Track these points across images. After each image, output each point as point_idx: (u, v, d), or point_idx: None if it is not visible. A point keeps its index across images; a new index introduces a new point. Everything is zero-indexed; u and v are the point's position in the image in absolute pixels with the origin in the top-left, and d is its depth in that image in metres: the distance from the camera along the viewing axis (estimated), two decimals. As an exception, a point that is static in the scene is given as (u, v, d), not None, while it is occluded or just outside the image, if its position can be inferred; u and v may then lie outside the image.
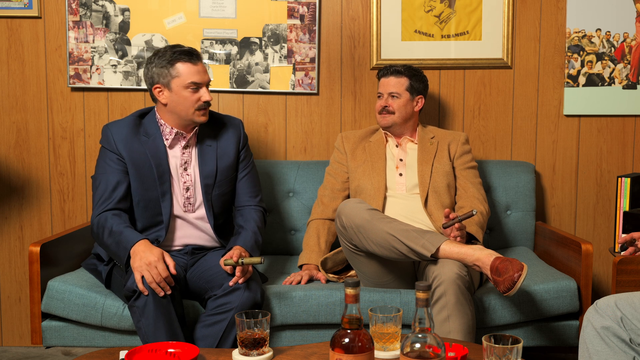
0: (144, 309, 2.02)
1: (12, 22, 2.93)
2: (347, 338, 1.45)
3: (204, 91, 2.27)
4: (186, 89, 2.25)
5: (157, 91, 2.28)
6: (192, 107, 2.26)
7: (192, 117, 2.28)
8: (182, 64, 2.25)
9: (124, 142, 2.27)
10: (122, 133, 2.29)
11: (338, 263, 2.49)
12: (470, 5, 2.91)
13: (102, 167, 2.29)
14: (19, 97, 2.96)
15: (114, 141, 2.28)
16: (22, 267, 3.01)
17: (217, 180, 2.36)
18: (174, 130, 2.31)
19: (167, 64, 2.25)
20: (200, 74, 2.27)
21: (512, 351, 1.49)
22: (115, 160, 2.27)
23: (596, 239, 3.01)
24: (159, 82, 2.27)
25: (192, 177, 2.34)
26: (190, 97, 2.25)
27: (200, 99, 2.26)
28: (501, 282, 2.01)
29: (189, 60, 2.25)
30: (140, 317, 2.03)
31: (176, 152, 2.33)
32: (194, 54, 2.28)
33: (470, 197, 2.54)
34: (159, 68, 2.26)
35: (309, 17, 2.91)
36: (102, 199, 2.24)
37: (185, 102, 2.26)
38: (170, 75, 2.25)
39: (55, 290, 2.26)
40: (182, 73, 2.24)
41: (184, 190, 2.32)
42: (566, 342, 2.34)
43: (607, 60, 2.93)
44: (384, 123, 2.60)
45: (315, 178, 2.82)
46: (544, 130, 2.99)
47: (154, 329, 2.02)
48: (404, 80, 2.59)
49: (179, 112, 2.28)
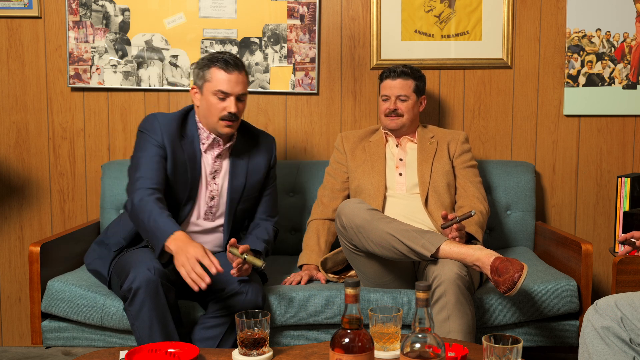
0: (139, 312, 2.01)
1: (12, 22, 2.93)
2: (347, 338, 1.45)
3: (231, 101, 2.21)
4: (214, 96, 2.21)
5: (193, 92, 2.27)
6: (217, 115, 2.22)
7: (215, 125, 2.23)
8: (216, 70, 2.20)
9: (169, 136, 2.22)
10: (170, 127, 2.24)
11: (338, 263, 2.49)
12: (470, 5, 2.91)
13: (144, 147, 2.21)
14: (19, 97, 2.96)
15: (160, 132, 2.21)
16: (22, 267, 3.01)
17: (244, 195, 2.33)
18: (212, 136, 2.27)
19: (203, 67, 2.23)
20: (231, 84, 2.20)
21: (512, 351, 1.49)
22: (157, 148, 2.20)
23: (596, 239, 3.01)
24: (195, 83, 2.26)
25: (219, 187, 2.30)
26: (217, 105, 2.21)
27: (225, 109, 2.21)
28: (501, 282, 2.01)
29: (223, 67, 2.20)
30: (135, 321, 2.02)
31: (208, 159, 2.29)
32: (231, 63, 2.21)
33: (470, 196, 2.54)
34: (198, 69, 2.25)
35: (309, 17, 2.91)
36: (144, 177, 2.15)
37: (211, 108, 2.22)
38: (204, 79, 2.23)
39: (55, 290, 2.26)
40: (213, 78, 2.21)
41: (209, 199, 2.29)
42: (566, 342, 2.34)
43: (607, 60, 2.93)
44: (392, 126, 2.59)
45: (315, 178, 2.82)
46: (544, 130, 2.99)
47: (149, 332, 2.01)
48: (411, 82, 2.59)
49: (206, 117, 2.25)
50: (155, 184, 2.15)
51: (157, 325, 2.01)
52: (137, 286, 2.00)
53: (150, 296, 2.00)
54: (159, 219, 2.05)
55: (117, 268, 2.20)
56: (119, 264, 2.19)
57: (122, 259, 2.19)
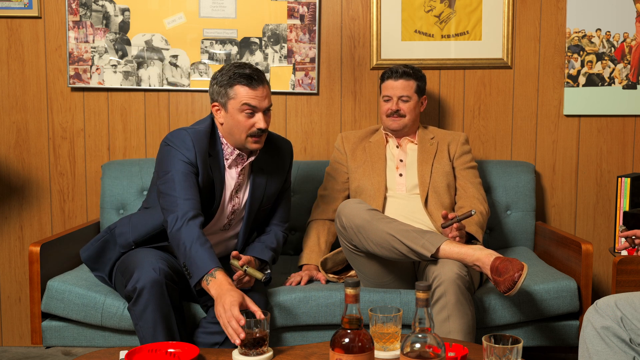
0: (143, 313, 2.00)
1: (12, 22, 2.93)
2: (347, 338, 1.45)
3: (260, 117, 2.15)
4: (240, 113, 2.14)
5: (215, 109, 2.20)
6: (245, 132, 2.16)
7: (244, 143, 2.18)
8: (240, 87, 2.13)
9: (201, 153, 2.16)
10: (201, 144, 2.17)
11: (338, 263, 2.49)
12: (470, 5, 2.91)
13: (175, 164, 2.13)
14: (19, 97, 2.96)
15: (194, 149, 2.14)
16: (22, 267, 3.01)
17: (262, 206, 2.32)
18: (235, 152, 2.22)
19: (226, 84, 2.15)
20: (258, 99, 2.14)
21: (512, 351, 1.49)
22: (187, 164, 2.14)
23: (596, 239, 3.01)
24: (217, 100, 2.19)
25: (241, 201, 2.29)
26: (244, 122, 2.15)
27: (254, 126, 2.15)
28: (502, 282, 2.01)
29: (247, 84, 2.13)
30: (138, 321, 2.02)
31: (232, 174, 2.25)
32: (254, 79, 2.14)
33: (470, 197, 2.54)
34: (219, 87, 2.17)
35: (309, 17, 2.91)
36: (183, 198, 2.08)
37: (238, 126, 2.15)
38: (227, 96, 2.15)
39: (55, 290, 2.26)
40: (238, 94, 2.13)
41: (230, 213, 2.27)
42: (566, 342, 2.34)
43: (607, 60, 2.93)
44: (395, 127, 2.59)
45: (315, 178, 2.82)
46: (544, 130, 2.99)
47: (153, 332, 2.01)
48: (413, 82, 2.59)
49: (233, 134, 2.19)
50: (196, 207, 2.08)
51: (161, 325, 2.01)
52: (142, 286, 1.99)
53: (154, 296, 2.00)
54: (200, 250, 1.98)
55: (122, 267, 2.19)
56: (123, 263, 2.19)
57: (127, 258, 2.19)
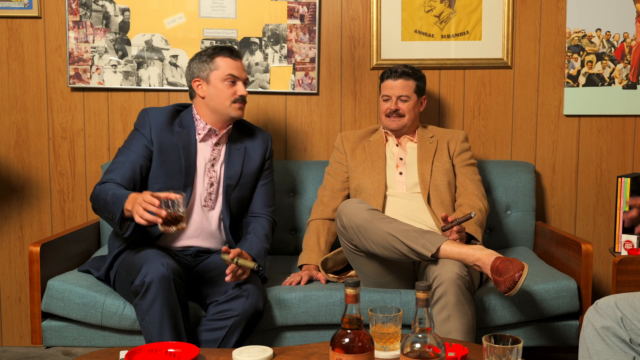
0: (150, 307, 2.01)
1: (12, 22, 2.93)
2: (347, 338, 1.45)
3: (241, 85, 2.35)
4: (223, 82, 2.32)
5: (196, 84, 2.35)
6: (229, 99, 2.33)
7: (228, 110, 2.34)
8: (222, 58, 2.34)
9: (158, 128, 2.32)
10: (160, 119, 2.34)
11: (338, 263, 2.49)
12: (470, 5, 2.91)
13: (128, 145, 2.33)
14: (19, 97, 2.96)
15: (149, 126, 2.32)
16: (22, 267, 3.01)
17: (240, 183, 2.40)
18: (208, 126, 2.36)
19: (207, 58, 2.34)
20: (239, 69, 2.36)
21: (512, 351, 1.49)
22: (142, 145, 2.30)
23: (596, 239, 3.01)
24: (199, 75, 2.35)
25: (218, 175, 2.38)
26: (227, 90, 2.33)
27: (236, 92, 2.33)
28: (502, 282, 2.01)
29: (229, 55, 2.35)
30: (145, 316, 2.02)
31: (206, 147, 2.37)
32: (235, 51, 2.37)
33: (470, 194, 2.54)
34: (200, 63, 2.35)
35: (309, 17, 2.91)
36: (113, 170, 2.26)
37: (221, 94, 2.33)
38: (209, 69, 2.33)
39: (55, 290, 2.26)
40: (221, 66, 2.33)
41: (208, 185, 2.36)
42: (566, 342, 2.34)
43: (607, 60, 2.93)
44: (394, 126, 2.59)
45: (315, 178, 2.82)
46: (544, 130, 2.99)
47: (159, 328, 2.01)
48: (412, 82, 2.59)
49: (215, 105, 2.34)
50: (121, 182, 2.24)
51: (168, 321, 2.01)
52: (150, 280, 2.01)
53: (162, 291, 2.01)
54: (117, 192, 2.12)
55: (126, 264, 2.19)
56: (127, 261, 2.19)
57: (131, 255, 2.19)
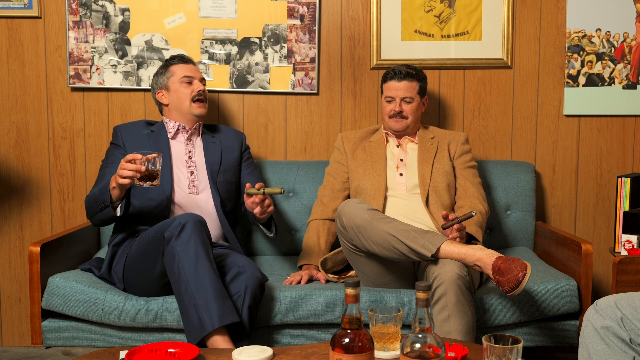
0: (187, 244, 2.06)
1: (12, 22, 2.93)
2: (347, 338, 1.45)
3: (197, 83, 2.54)
4: (181, 84, 2.52)
5: (160, 95, 2.56)
6: (188, 98, 2.51)
7: (189, 109, 2.52)
8: (175, 65, 2.56)
9: (128, 136, 2.51)
10: (128, 129, 2.54)
11: (338, 263, 2.49)
12: (470, 5, 2.91)
13: (107, 159, 2.50)
14: (19, 97, 2.96)
15: (120, 137, 2.51)
16: (22, 267, 3.01)
17: (222, 168, 2.55)
18: (177, 124, 2.54)
19: (163, 70, 2.57)
20: (192, 70, 2.56)
21: (512, 351, 1.49)
22: (119, 155, 2.45)
23: (596, 239, 3.01)
24: (159, 87, 2.56)
25: (197, 164, 2.52)
26: (185, 90, 2.52)
27: (194, 90, 2.52)
28: (505, 282, 2.01)
29: (180, 61, 2.57)
30: (181, 254, 2.06)
31: (179, 142, 2.54)
32: (185, 57, 2.59)
33: (470, 196, 2.54)
34: (158, 76, 2.57)
35: (309, 17, 2.91)
36: (98, 182, 2.41)
37: (181, 95, 2.52)
38: (167, 77, 2.55)
39: (56, 287, 2.26)
40: (175, 71, 2.54)
41: (189, 174, 2.49)
42: (566, 342, 2.34)
43: (607, 60, 2.93)
44: (397, 128, 2.59)
45: (315, 178, 2.82)
46: (544, 130, 2.99)
47: (196, 263, 2.06)
48: (415, 84, 2.59)
49: (178, 106, 2.53)
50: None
51: (203, 257, 2.07)
52: (185, 221, 2.11)
53: (197, 230, 2.10)
54: (101, 185, 2.30)
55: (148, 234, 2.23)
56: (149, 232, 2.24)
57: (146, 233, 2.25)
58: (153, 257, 2.19)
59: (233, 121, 2.98)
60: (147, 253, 2.21)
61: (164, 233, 2.13)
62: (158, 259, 2.17)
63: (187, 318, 2.04)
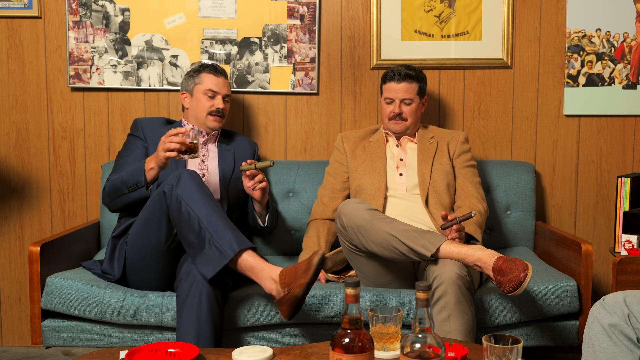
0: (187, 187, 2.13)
1: (12, 22, 2.93)
2: (347, 338, 1.45)
3: (219, 99, 2.57)
4: (204, 95, 2.57)
5: (183, 97, 2.63)
6: (206, 111, 2.56)
7: (205, 120, 2.58)
8: (206, 74, 2.58)
9: (149, 128, 2.56)
10: (150, 122, 2.60)
11: (338, 263, 2.49)
12: (470, 5, 2.91)
13: (127, 148, 2.55)
14: (19, 97, 2.96)
15: (141, 129, 2.56)
16: (22, 267, 3.01)
17: (234, 176, 2.58)
18: (195, 127, 2.59)
19: (194, 73, 2.60)
20: (219, 86, 2.59)
21: (512, 351, 1.49)
22: (140, 145, 2.53)
23: (596, 239, 3.01)
24: (185, 88, 2.62)
25: (209, 169, 2.58)
26: (206, 102, 2.56)
27: (213, 105, 2.56)
28: (505, 282, 2.01)
29: (212, 72, 2.59)
30: (182, 198, 2.12)
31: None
32: (219, 69, 2.61)
33: (469, 196, 2.54)
34: (188, 77, 2.62)
35: (309, 17, 2.91)
36: (119, 169, 2.46)
37: (200, 106, 2.57)
38: (194, 83, 2.59)
39: (55, 286, 2.26)
40: (204, 81, 2.58)
41: (201, 177, 2.43)
42: (566, 342, 2.34)
43: (607, 60, 2.93)
44: (397, 129, 2.60)
45: (315, 178, 2.82)
46: (544, 130, 2.99)
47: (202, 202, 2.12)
48: (415, 85, 2.59)
49: (195, 115, 2.59)
50: None
51: (207, 196, 2.14)
52: (180, 173, 2.18)
53: (193, 178, 2.17)
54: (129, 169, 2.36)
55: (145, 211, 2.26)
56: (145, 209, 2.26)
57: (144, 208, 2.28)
58: (156, 221, 2.22)
59: (233, 121, 2.98)
60: (148, 222, 2.24)
61: (164, 189, 2.18)
62: (162, 220, 2.20)
63: (203, 253, 2.09)
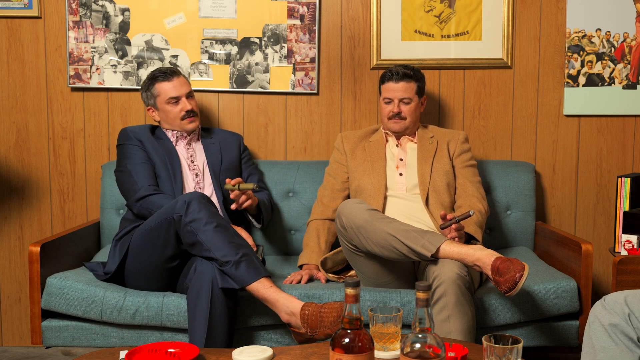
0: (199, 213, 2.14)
1: (12, 22, 2.93)
2: (347, 338, 1.45)
3: (184, 102, 2.57)
4: (167, 104, 2.57)
5: (150, 112, 2.64)
6: (177, 118, 2.58)
7: (181, 126, 2.60)
8: (159, 84, 2.57)
9: (140, 135, 2.56)
10: (139, 130, 2.59)
11: (338, 263, 2.49)
12: (470, 5, 2.91)
13: (127, 157, 2.52)
14: (19, 97, 2.96)
15: (133, 135, 2.56)
16: (22, 267, 3.01)
17: (223, 167, 2.63)
18: (175, 132, 2.63)
19: (148, 87, 2.60)
20: (177, 88, 2.57)
21: (512, 351, 1.49)
22: (138, 151, 2.53)
23: (596, 239, 3.01)
24: (148, 104, 2.63)
25: (200, 167, 2.61)
26: (173, 110, 2.57)
27: (182, 110, 2.57)
28: (502, 282, 2.01)
29: (163, 79, 2.57)
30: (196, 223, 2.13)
31: (181, 148, 2.62)
32: (168, 72, 2.58)
33: (469, 195, 2.54)
34: (145, 93, 2.62)
35: (309, 17, 2.91)
36: (136, 180, 2.45)
37: (170, 115, 2.58)
38: (153, 97, 2.60)
39: (55, 287, 2.26)
40: (160, 92, 2.57)
41: (194, 176, 2.58)
42: (566, 342, 2.34)
43: (607, 60, 2.93)
44: (396, 129, 2.60)
45: (315, 178, 2.82)
46: (544, 130, 2.99)
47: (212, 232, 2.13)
48: (413, 84, 2.59)
49: (170, 124, 2.61)
50: (151, 183, 2.47)
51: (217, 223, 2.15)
52: (190, 199, 2.17)
53: (205, 204, 2.18)
54: (164, 201, 2.35)
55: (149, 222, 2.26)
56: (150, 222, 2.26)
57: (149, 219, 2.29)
58: (161, 242, 2.22)
59: (233, 121, 2.98)
60: (154, 241, 2.24)
61: (173, 215, 2.17)
62: (169, 242, 2.21)
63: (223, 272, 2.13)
